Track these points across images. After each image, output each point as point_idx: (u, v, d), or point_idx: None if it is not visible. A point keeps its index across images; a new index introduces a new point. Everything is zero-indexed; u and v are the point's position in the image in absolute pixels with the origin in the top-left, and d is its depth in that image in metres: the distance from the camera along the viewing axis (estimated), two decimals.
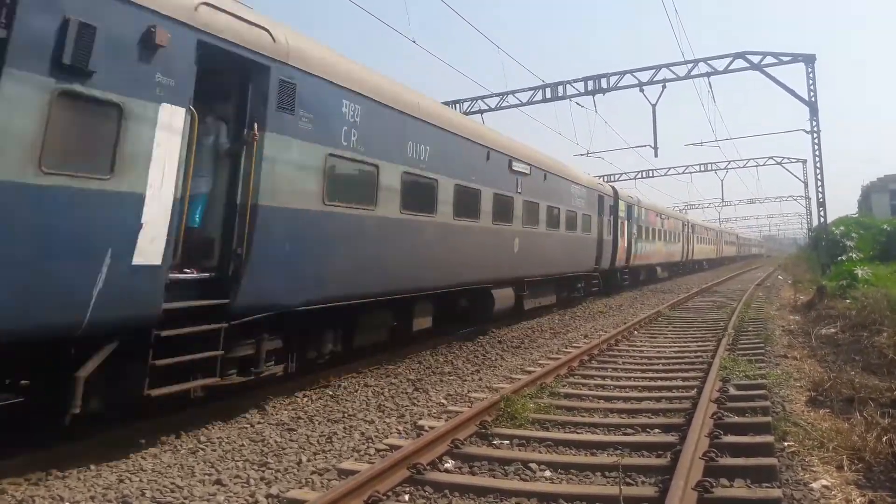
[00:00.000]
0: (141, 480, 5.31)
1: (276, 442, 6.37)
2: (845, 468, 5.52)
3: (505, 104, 29.59)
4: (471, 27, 20.87)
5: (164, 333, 5.96)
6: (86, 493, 5.01)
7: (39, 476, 5.31)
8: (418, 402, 8.06)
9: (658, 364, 10.44)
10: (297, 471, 5.60)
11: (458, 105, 30.31)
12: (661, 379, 9.23)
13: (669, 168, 55.03)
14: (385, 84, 9.65)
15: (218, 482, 5.30)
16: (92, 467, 5.55)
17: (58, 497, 4.93)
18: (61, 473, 5.39)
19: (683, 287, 30.34)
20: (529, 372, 9.53)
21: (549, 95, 28.41)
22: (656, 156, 30.27)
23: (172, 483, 5.26)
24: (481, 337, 13.44)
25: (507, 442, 6.36)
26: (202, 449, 6.14)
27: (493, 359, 11.15)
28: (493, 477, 5.46)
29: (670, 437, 6.22)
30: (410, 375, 9.60)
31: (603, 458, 5.79)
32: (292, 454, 6.02)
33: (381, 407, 7.78)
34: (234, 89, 7.21)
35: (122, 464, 5.67)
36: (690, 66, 25.59)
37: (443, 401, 8.08)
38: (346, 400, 8.10)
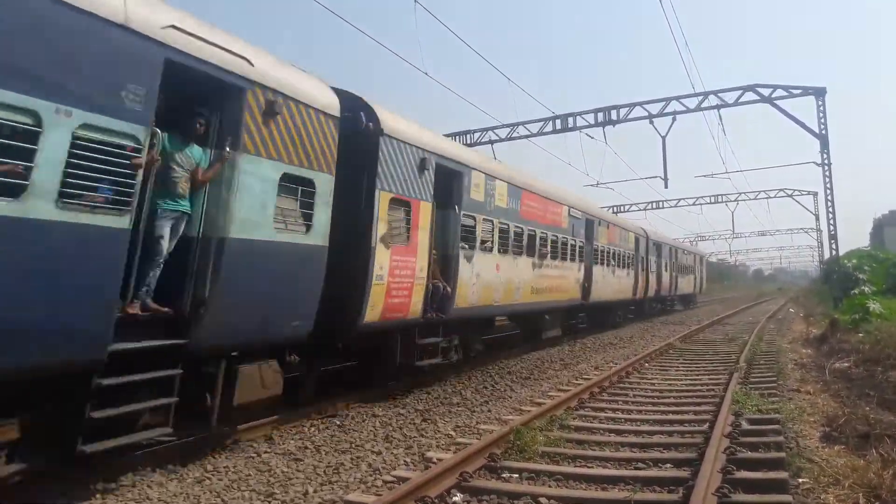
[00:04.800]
0: None
1: (282, 472, 6.32)
2: None
3: (515, 135, 29.82)
4: (483, 60, 21.08)
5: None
6: None
7: None
8: (426, 433, 7.99)
9: (669, 397, 10.33)
10: (304, 502, 5.54)
11: (469, 136, 30.54)
12: (673, 412, 9.12)
13: (679, 199, 55.16)
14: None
15: None
16: (98, 496, 5.51)
17: None
18: (67, 502, 5.35)
19: (694, 319, 30.14)
20: (539, 404, 9.44)
21: (559, 126, 28.63)
22: (666, 187, 30.32)
23: None
24: (490, 367, 13.35)
25: (517, 475, 6.27)
26: (208, 478, 6.09)
27: (503, 390, 11.06)
28: None
29: (682, 472, 6.11)
30: (419, 406, 9.53)
31: (614, 493, 5.71)
32: (299, 485, 5.97)
33: (388, 438, 7.71)
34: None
35: (129, 492, 5.62)
36: (700, 98, 25.77)
37: (451, 432, 8.00)
38: (354, 430, 8.04)
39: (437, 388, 10.94)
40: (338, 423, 8.37)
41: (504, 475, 6.28)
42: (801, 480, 5.94)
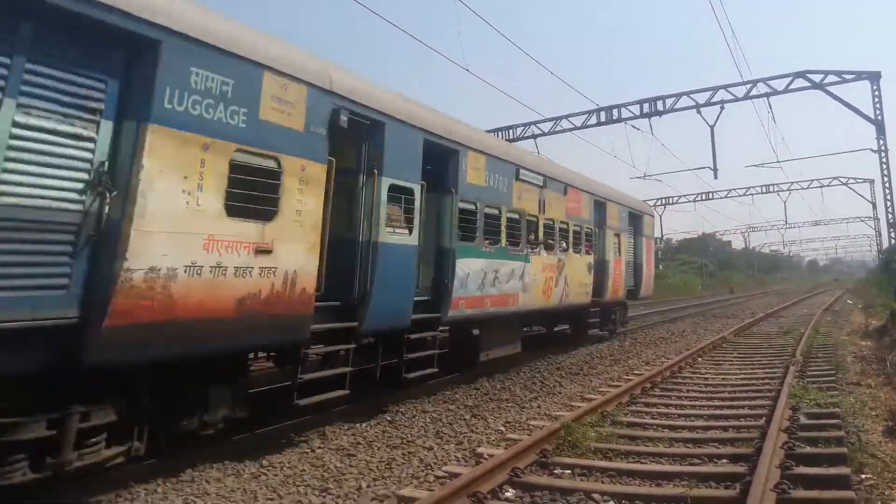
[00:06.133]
0: None
1: (336, 467, 6.41)
2: None
3: (559, 128, 29.57)
4: (524, 54, 20.98)
5: None
6: None
7: (109, 497, 5.44)
8: (476, 429, 8.00)
9: (724, 391, 10.12)
10: (358, 497, 5.61)
11: (511, 130, 30.42)
12: (728, 407, 8.93)
13: (730, 190, 53.93)
14: None
15: None
16: (159, 490, 5.67)
17: None
18: (129, 495, 5.52)
19: (748, 312, 29.49)
20: (590, 399, 9.36)
21: (603, 119, 28.29)
22: (716, 178, 29.75)
23: None
24: (539, 363, 13.29)
25: (569, 471, 6.23)
26: (264, 473, 6.21)
27: (552, 386, 11.00)
28: None
29: (739, 468, 5.99)
30: (468, 402, 9.54)
31: (669, 489, 5.62)
32: (352, 480, 6.04)
33: (439, 433, 7.75)
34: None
35: (188, 487, 5.77)
36: (749, 86, 25.15)
37: (501, 428, 8.00)
38: (405, 426, 8.10)
39: (486, 384, 10.94)
40: (388, 419, 8.44)
41: (556, 471, 6.24)
42: (863, 476, 5.77)
